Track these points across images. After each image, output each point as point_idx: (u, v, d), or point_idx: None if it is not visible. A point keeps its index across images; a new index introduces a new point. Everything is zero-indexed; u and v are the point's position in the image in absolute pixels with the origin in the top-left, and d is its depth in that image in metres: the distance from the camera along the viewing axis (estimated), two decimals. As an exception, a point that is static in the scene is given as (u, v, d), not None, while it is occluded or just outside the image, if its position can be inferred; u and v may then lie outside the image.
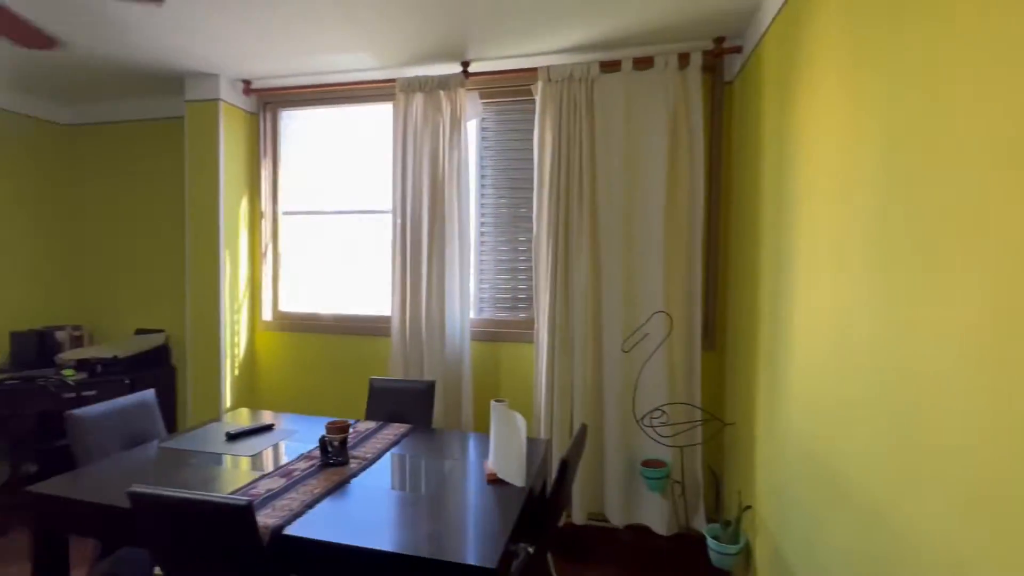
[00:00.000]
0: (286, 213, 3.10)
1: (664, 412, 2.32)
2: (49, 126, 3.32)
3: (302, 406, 3.01)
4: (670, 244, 2.40)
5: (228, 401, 2.88)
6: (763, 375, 1.90)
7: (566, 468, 1.48)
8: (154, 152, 3.26)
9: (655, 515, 2.44)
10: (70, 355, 2.94)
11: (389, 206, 2.90)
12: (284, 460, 1.73)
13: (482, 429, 2.73)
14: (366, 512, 1.41)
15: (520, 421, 1.65)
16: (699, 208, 2.37)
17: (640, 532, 2.50)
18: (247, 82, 2.91)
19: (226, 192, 2.85)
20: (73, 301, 3.44)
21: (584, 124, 2.47)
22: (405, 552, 1.22)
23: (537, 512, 1.64)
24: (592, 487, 2.52)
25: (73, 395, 2.69)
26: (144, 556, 1.70)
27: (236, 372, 2.93)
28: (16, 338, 2.98)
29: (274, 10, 2.10)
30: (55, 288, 3.37)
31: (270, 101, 3.06)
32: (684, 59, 2.37)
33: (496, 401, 1.66)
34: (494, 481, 1.61)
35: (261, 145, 3.07)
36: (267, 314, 3.09)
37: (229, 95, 2.86)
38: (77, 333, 3.20)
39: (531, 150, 2.71)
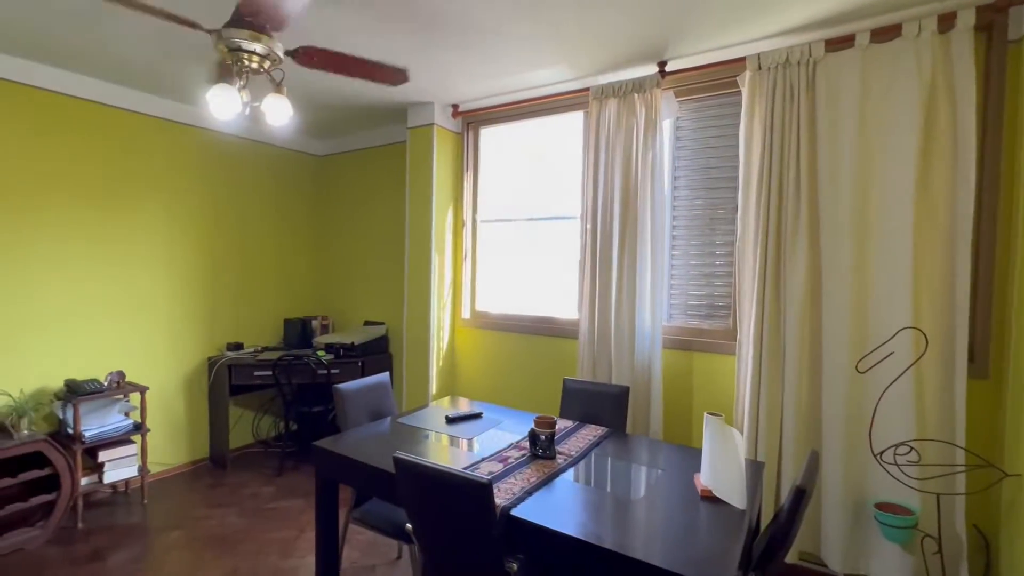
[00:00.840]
0: (483, 221, 3.41)
1: (912, 449, 1.92)
2: (310, 158, 4.21)
3: (494, 398, 3.27)
4: (922, 247, 1.99)
5: (434, 388, 3.27)
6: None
7: (802, 497, 1.32)
8: (381, 173, 3.89)
9: (892, 570, 2.03)
10: (322, 339, 3.66)
11: (577, 212, 2.98)
12: (497, 446, 1.89)
13: (672, 439, 2.62)
14: (582, 507, 1.45)
15: (738, 438, 1.53)
16: (967, 201, 1.92)
17: (870, 587, 2.11)
18: (455, 106, 3.28)
19: (437, 204, 3.25)
20: (321, 295, 4.30)
21: (803, 113, 2.20)
22: (633, 556, 1.22)
23: (760, 540, 1.50)
24: (806, 523, 2.21)
25: (324, 372, 3.35)
26: (388, 509, 2.02)
27: (440, 363, 3.32)
28: (287, 324, 3.83)
29: (483, 38, 2.31)
30: (310, 284, 4.25)
31: (472, 121, 3.40)
32: (947, 20, 1.94)
33: (710, 414, 1.57)
34: (708, 498, 1.52)
35: (464, 161, 3.43)
36: (466, 312, 3.43)
37: (441, 119, 3.26)
38: (325, 322, 3.98)
39: (732, 147, 2.52)
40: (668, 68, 2.54)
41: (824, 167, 2.18)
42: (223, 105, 1.72)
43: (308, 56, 1.81)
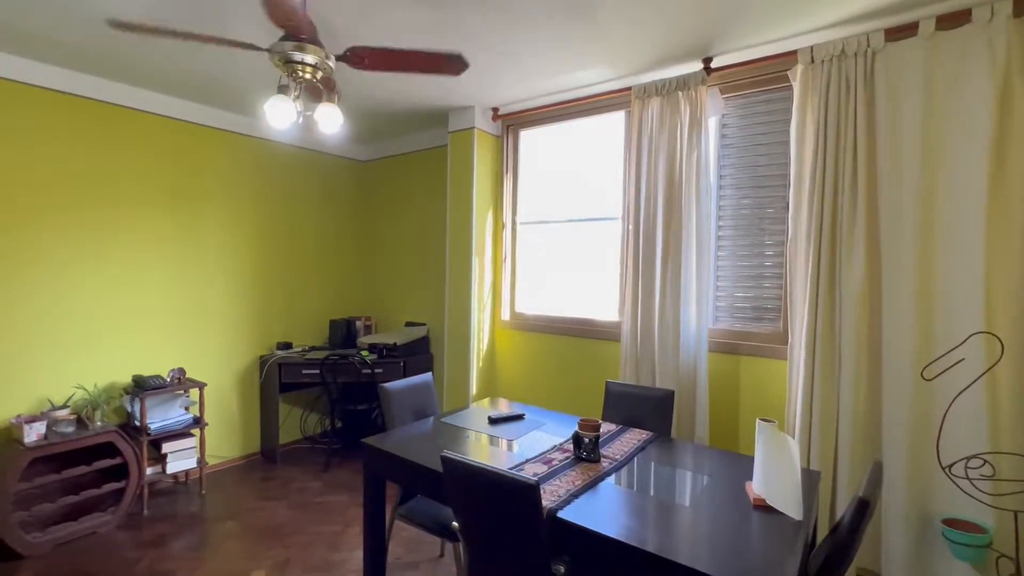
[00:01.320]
0: (523, 223, 3.42)
1: (986, 463, 1.80)
2: (354, 163, 4.34)
3: (534, 399, 3.27)
4: (996, 247, 1.86)
5: (474, 389, 3.30)
6: None
7: (866, 509, 1.26)
8: (422, 177, 3.97)
9: (962, 592, 1.90)
10: (366, 339, 3.76)
11: (617, 213, 2.95)
12: (541, 448, 1.89)
13: (718, 445, 2.55)
14: (628, 512, 1.43)
15: (793, 446, 1.47)
16: (1048, 197, 1.78)
17: (937, 608, 1.98)
18: (495, 109, 3.31)
19: (477, 206, 3.29)
20: (365, 296, 4.42)
21: (860, 107, 2.10)
22: (678, 560, 1.19)
23: (817, 553, 1.44)
24: (865, 537, 2.10)
25: (369, 371, 3.44)
26: (433, 506, 2.05)
27: (480, 364, 3.35)
28: (332, 324, 3.95)
29: (526, 41, 2.32)
30: (354, 286, 4.38)
31: (512, 124, 3.42)
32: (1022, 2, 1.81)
33: (763, 420, 1.52)
34: (762, 507, 1.47)
35: (503, 163, 3.46)
36: (505, 314, 3.45)
37: (481, 123, 3.29)
38: (368, 323, 4.09)
39: (781, 144, 2.44)
40: (714, 64, 2.48)
41: (884, 163, 2.07)
42: (279, 115, 1.80)
43: (359, 57, 1.82)
